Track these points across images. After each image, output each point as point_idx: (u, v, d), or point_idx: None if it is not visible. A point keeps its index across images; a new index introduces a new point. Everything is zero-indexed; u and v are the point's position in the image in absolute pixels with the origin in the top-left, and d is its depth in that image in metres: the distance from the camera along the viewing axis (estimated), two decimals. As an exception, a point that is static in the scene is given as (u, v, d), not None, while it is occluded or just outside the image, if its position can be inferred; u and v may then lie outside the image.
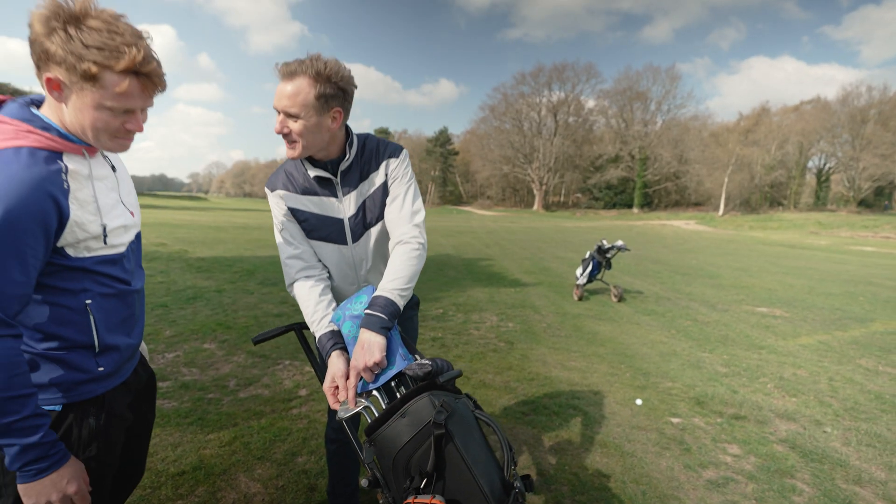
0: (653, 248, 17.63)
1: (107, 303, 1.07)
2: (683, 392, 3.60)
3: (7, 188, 0.85)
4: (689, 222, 40.78)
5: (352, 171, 1.48)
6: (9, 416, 0.87)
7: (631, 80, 59.47)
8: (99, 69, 0.88)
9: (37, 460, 0.91)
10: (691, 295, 7.81)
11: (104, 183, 1.06)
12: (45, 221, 0.90)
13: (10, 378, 0.87)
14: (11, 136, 0.90)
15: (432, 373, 1.10)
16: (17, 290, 0.89)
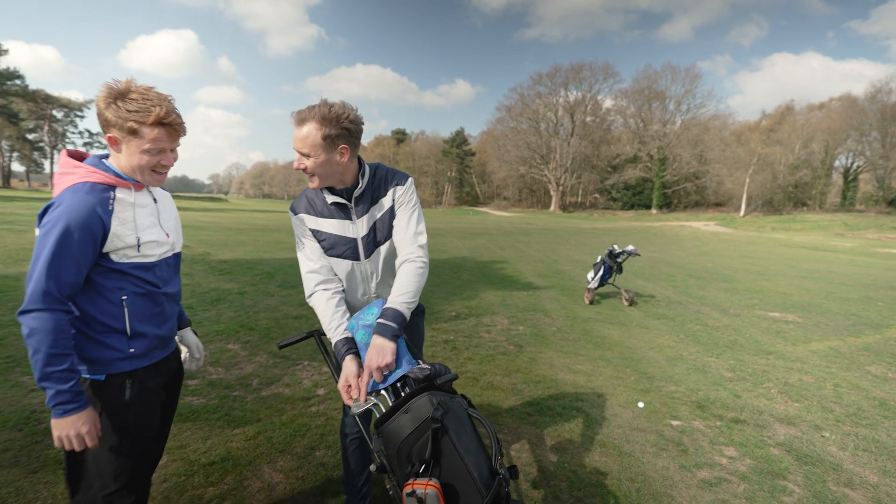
0: (669, 250, 17.51)
1: (139, 300, 1.42)
2: (686, 396, 3.71)
3: (71, 209, 1.26)
4: (709, 223, 40.12)
5: (364, 197, 1.71)
6: (53, 366, 1.23)
7: (649, 80, 58.72)
8: (137, 125, 1.30)
9: (65, 403, 1.25)
10: (704, 299, 7.83)
11: (145, 209, 1.44)
12: (94, 233, 1.29)
13: (58, 339, 1.23)
14: (84, 175, 1.34)
15: (431, 375, 1.29)
16: (71, 279, 1.27)
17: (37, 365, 1.22)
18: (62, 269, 1.24)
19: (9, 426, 2.74)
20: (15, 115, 56.38)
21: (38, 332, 1.21)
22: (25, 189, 60.60)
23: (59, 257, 1.23)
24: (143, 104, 1.29)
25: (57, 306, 1.24)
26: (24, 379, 3.43)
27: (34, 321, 1.22)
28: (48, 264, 1.22)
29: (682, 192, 56.49)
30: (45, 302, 1.22)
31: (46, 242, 1.23)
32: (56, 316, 1.23)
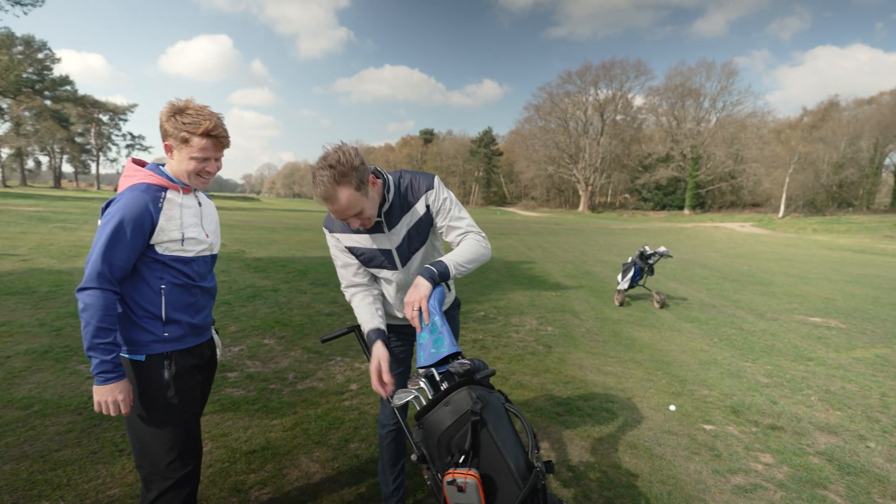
0: (702, 252, 17.02)
1: (175, 290, 1.59)
2: (720, 400, 3.64)
3: (127, 205, 1.47)
4: (745, 224, 38.68)
5: (393, 209, 1.73)
6: (100, 338, 1.42)
7: (683, 76, 57.04)
8: (188, 135, 1.52)
9: (106, 371, 1.44)
10: (739, 303, 7.60)
11: (190, 210, 1.64)
12: (144, 226, 1.49)
13: (106, 315, 1.43)
14: (142, 178, 1.56)
15: (471, 370, 1.34)
16: (122, 264, 1.47)
17: (86, 336, 1.41)
18: (115, 255, 1.44)
19: (70, 410, 2.95)
20: (66, 119, 59.65)
21: (91, 308, 1.40)
22: (74, 189, 63.99)
23: (114, 244, 1.43)
24: (196, 118, 1.50)
25: (108, 286, 1.44)
26: (81, 367, 3.67)
27: (89, 297, 1.41)
28: (104, 250, 1.42)
29: (716, 192, 54.64)
30: (98, 282, 1.42)
31: (104, 231, 1.44)
32: (107, 295, 1.43)
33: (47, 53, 50.65)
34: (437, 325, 1.45)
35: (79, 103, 57.51)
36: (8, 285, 6.21)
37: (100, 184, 72.48)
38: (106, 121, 67.17)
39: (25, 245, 9.92)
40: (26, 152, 61.91)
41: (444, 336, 1.44)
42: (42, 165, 73.47)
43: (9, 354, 3.84)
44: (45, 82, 49.12)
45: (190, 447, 1.64)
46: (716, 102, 56.15)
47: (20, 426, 2.73)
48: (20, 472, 2.30)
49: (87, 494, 2.18)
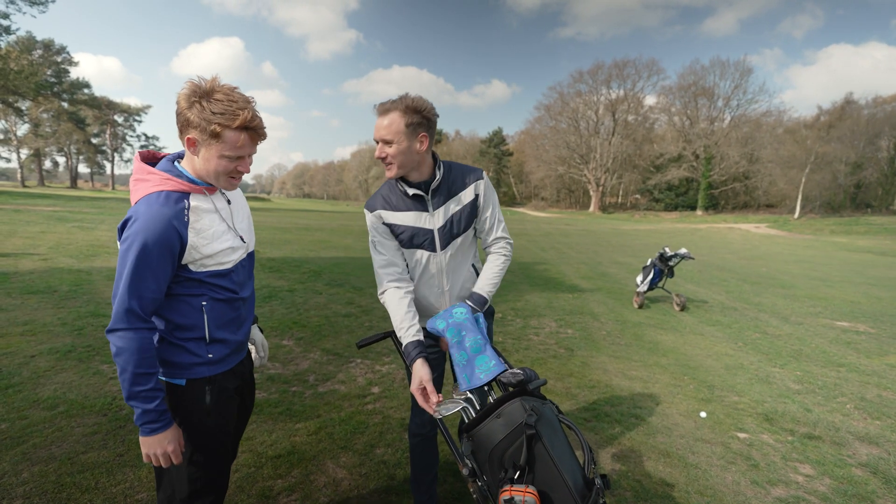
0: (718, 253, 16.75)
1: (217, 306, 1.41)
2: (751, 407, 3.53)
3: (148, 225, 1.23)
4: (760, 226, 38.06)
5: (440, 189, 1.77)
6: (139, 385, 1.23)
7: (696, 75, 56.28)
8: (221, 129, 1.25)
9: (151, 422, 1.26)
10: (760, 306, 7.44)
11: (219, 214, 1.40)
12: (172, 247, 1.26)
13: (143, 358, 1.23)
14: (157, 184, 1.30)
15: (524, 381, 1.28)
16: (153, 295, 1.26)
17: (124, 384, 1.23)
18: (143, 287, 1.23)
19: (94, 411, 2.95)
20: (82, 120, 60.66)
21: (125, 352, 1.22)
22: (90, 189, 65.05)
23: (140, 275, 1.22)
24: (229, 106, 1.23)
25: (140, 324, 1.24)
26: (104, 367, 3.68)
27: (120, 340, 1.22)
28: (129, 283, 1.22)
29: (729, 193, 53.86)
30: (128, 321, 1.23)
31: (127, 260, 1.22)
32: (140, 335, 1.24)
33: (65, 57, 51.53)
34: (480, 344, 1.39)
35: (95, 105, 58.43)
36: (30, 284, 6.27)
37: (115, 184, 73.58)
38: (121, 122, 68.20)
39: (45, 244, 10.06)
40: (44, 153, 63.09)
41: (489, 353, 1.38)
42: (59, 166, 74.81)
43: (33, 354, 3.85)
44: (62, 85, 49.98)
45: (214, 478, 1.48)
46: (730, 101, 55.36)
47: (47, 427, 2.72)
48: (49, 475, 2.29)
49: (115, 498, 2.16)
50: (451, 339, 1.51)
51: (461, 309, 1.55)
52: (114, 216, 18.76)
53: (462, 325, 1.48)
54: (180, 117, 1.26)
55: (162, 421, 1.28)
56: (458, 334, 1.48)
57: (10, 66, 36.71)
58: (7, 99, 40.13)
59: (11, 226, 13.30)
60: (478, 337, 1.40)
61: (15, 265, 7.61)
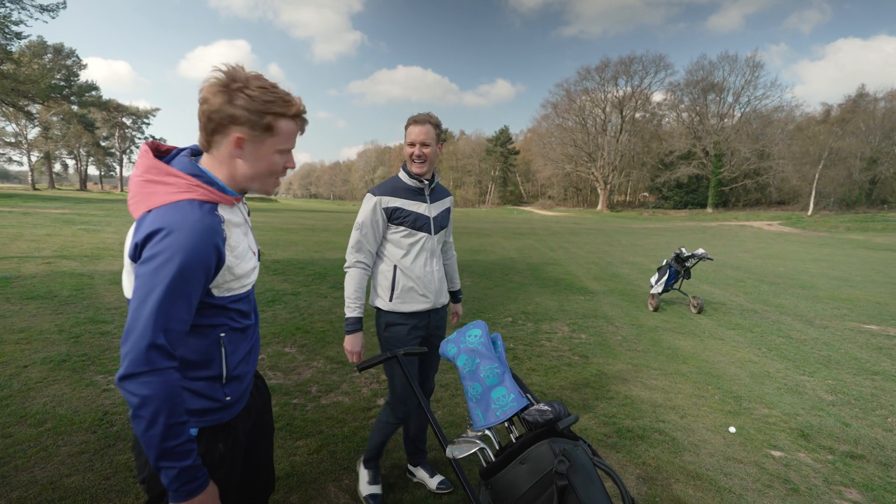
0: (731, 252, 16.38)
1: (235, 336, 1.19)
2: (783, 421, 3.29)
3: (185, 241, 0.98)
4: (773, 223, 37.44)
5: (436, 189, 2.26)
6: (173, 440, 0.96)
7: (705, 71, 55.51)
8: (276, 119, 1.07)
9: (189, 482, 1.00)
10: (781, 307, 7.15)
11: (240, 229, 1.18)
12: (209, 267, 1.03)
13: (174, 406, 0.97)
14: (185, 190, 1.04)
15: (553, 419, 1.07)
16: (183, 327, 1.01)
17: (152, 441, 0.95)
18: (174, 317, 0.98)
19: (84, 427, 2.78)
20: (91, 123, 61.23)
21: (153, 401, 0.94)
22: (99, 191, 65.66)
23: (172, 302, 0.97)
24: (276, 93, 1.05)
25: (168, 363, 0.97)
26: (98, 378, 3.52)
27: (144, 387, 0.94)
28: (158, 311, 0.95)
29: (740, 190, 53.05)
30: (153, 361, 0.95)
31: (157, 283, 0.95)
32: (169, 376, 0.97)
33: (74, 60, 51.98)
34: (497, 373, 1.18)
35: (103, 108, 58.92)
36: (30, 289, 6.16)
37: (123, 186, 74.24)
38: (129, 124, 68.74)
39: (50, 248, 9.99)
40: (54, 156, 63.73)
41: (508, 386, 1.17)
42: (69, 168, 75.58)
43: (26, 364, 3.71)
44: (72, 88, 50.41)
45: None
46: (740, 97, 54.58)
47: (31, 446, 2.56)
48: (27, 502, 2.12)
49: (97, 529, 1.98)
50: (462, 369, 1.30)
51: (475, 331, 1.35)
52: (120, 218, 18.78)
53: (476, 350, 1.28)
54: (216, 116, 1.04)
55: (200, 477, 1.02)
56: (470, 362, 1.28)
57: (21, 70, 37.05)
58: (18, 102, 40.52)
59: (18, 229, 13.29)
60: (494, 365, 1.20)
61: (18, 269, 7.52)
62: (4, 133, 53.95)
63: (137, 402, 0.93)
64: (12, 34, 33.21)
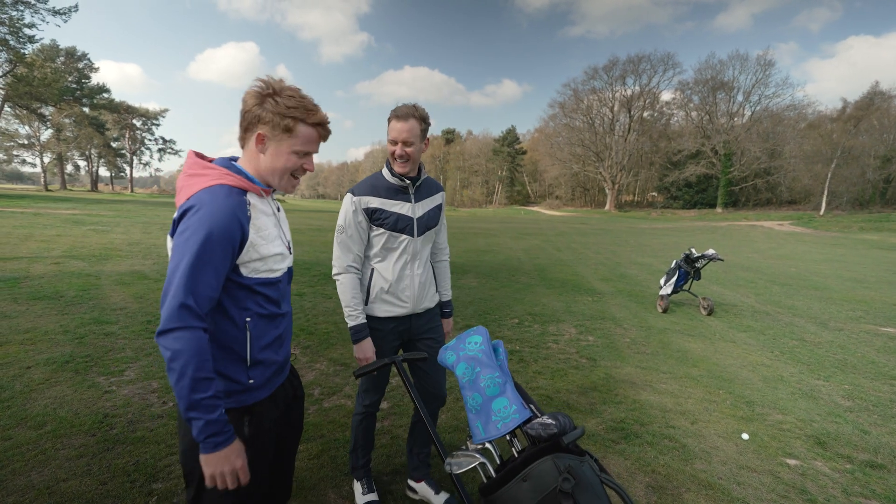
0: (742, 252, 16.14)
1: (261, 322, 1.28)
2: (798, 427, 3.19)
3: (214, 213, 1.13)
4: (784, 223, 36.91)
5: (422, 187, 2.09)
6: (199, 392, 1.08)
7: (714, 70, 54.88)
8: (295, 123, 1.23)
9: (215, 434, 1.10)
10: (794, 309, 7.00)
11: (270, 219, 1.33)
12: (233, 239, 1.17)
13: (202, 361, 1.08)
14: (217, 177, 1.21)
15: (557, 434, 1.00)
16: (210, 293, 1.14)
17: (182, 392, 1.07)
18: (201, 282, 1.11)
19: (83, 430, 2.75)
20: (102, 125, 61.94)
21: (182, 354, 1.06)
22: (110, 192, 66.40)
23: (200, 267, 1.10)
24: (301, 101, 1.23)
25: (196, 322, 1.10)
26: (100, 380, 3.50)
27: (176, 342, 1.06)
28: (188, 276, 1.09)
29: (750, 190, 52.36)
30: (183, 318, 1.08)
31: (186, 250, 1.10)
32: (197, 334, 1.09)
33: (86, 63, 52.62)
34: (499, 383, 1.12)
35: (114, 110, 59.62)
36: (38, 290, 6.19)
37: (133, 187, 75.06)
38: (139, 126, 69.45)
39: (59, 248, 10.07)
40: (66, 157, 64.54)
41: (509, 396, 1.10)
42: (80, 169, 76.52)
43: (29, 365, 3.70)
44: (83, 90, 51.04)
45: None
46: (750, 96, 53.87)
47: (30, 449, 2.53)
48: (23, 507, 2.08)
49: (92, 536, 1.94)
50: (462, 378, 1.24)
51: (476, 338, 1.28)
52: (129, 219, 18.94)
53: (476, 359, 1.21)
54: (248, 115, 1.23)
55: (226, 433, 1.13)
56: (470, 371, 1.21)
57: (34, 73, 37.55)
58: (31, 105, 41.08)
59: (29, 229, 13.43)
60: (495, 375, 1.13)
61: (27, 269, 7.57)
62: (18, 135, 54.71)
63: (170, 355, 1.06)
64: (25, 38, 33.64)
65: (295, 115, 1.21)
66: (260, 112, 1.21)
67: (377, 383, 2.17)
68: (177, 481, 2.30)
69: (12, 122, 50.69)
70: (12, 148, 56.33)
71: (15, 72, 35.87)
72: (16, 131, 53.85)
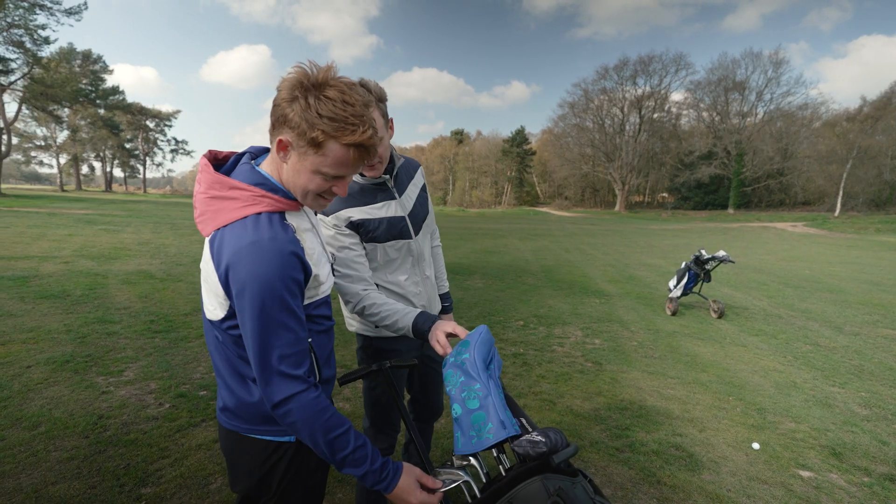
0: (754, 254, 15.85)
1: (320, 339, 1.16)
2: (812, 437, 3.06)
3: (263, 261, 0.93)
4: (797, 224, 36.26)
5: (401, 173, 1.70)
6: (340, 451, 0.99)
7: (726, 69, 54.16)
8: (325, 138, 0.95)
9: (379, 481, 1.02)
10: (808, 313, 6.81)
11: (314, 236, 1.14)
12: (296, 280, 0.99)
13: (325, 422, 0.98)
14: (250, 203, 0.99)
15: (547, 452, 0.92)
16: (296, 347, 0.99)
17: (326, 457, 1.00)
18: (283, 342, 0.96)
19: (77, 432, 2.72)
20: (116, 126, 62.90)
21: (303, 425, 0.97)
22: (123, 193, 67.44)
23: (274, 330, 0.96)
24: (343, 110, 0.94)
25: (300, 386, 0.98)
26: (99, 380, 3.48)
27: (288, 415, 0.97)
28: (265, 346, 0.95)
29: (763, 190, 51.58)
30: (281, 391, 0.96)
31: (253, 316, 0.94)
32: (307, 397, 0.97)
33: (101, 66, 53.51)
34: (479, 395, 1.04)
35: (128, 111, 60.51)
36: (45, 289, 6.23)
37: (146, 187, 76.13)
38: (152, 127, 70.40)
39: (70, 247, 10.18)
40: (81, 158, 65.61)
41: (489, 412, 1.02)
42: (95, 170, 77.81)
43: (30, 364, 3.69)
44: (98, 92, 51.88)
45: None
46: (762, 95, 53.09)
47: (22, 450, 2.50)
48: (10, 510, 2.05)
49: (77, 542, 1.90)
50: (446, 386, 1.17)
51: (466, 342, 1.21)
52: (140, 219, 19.15)
53: (461, 367, 1.14)
54: (277, 109, 0.97)
55: (387, 473, 1.03)
56: (455, 380, 1.14)
57: (49, 75, 38.23)
58: (47, 106, 41.82)
59: (43, 229, 13.62)
60: (476, 386, 1.06)
61: (37, 268, 7.64)
62: (35, 137, 55.74)
63: (294, 430, 0.99)
64: (41, 39, 34.26)
65: (326, 129, 0.93)
66: (288, 111, 0.95)
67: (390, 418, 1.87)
68: (165, 486, 2.25)
69: (31, 124, 51.65)
70: (30, 149, 57.39)
71: (31, 73, 36.54)
72: (34, 133, 54.86)
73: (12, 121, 38.68)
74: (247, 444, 1.11)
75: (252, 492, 1.14)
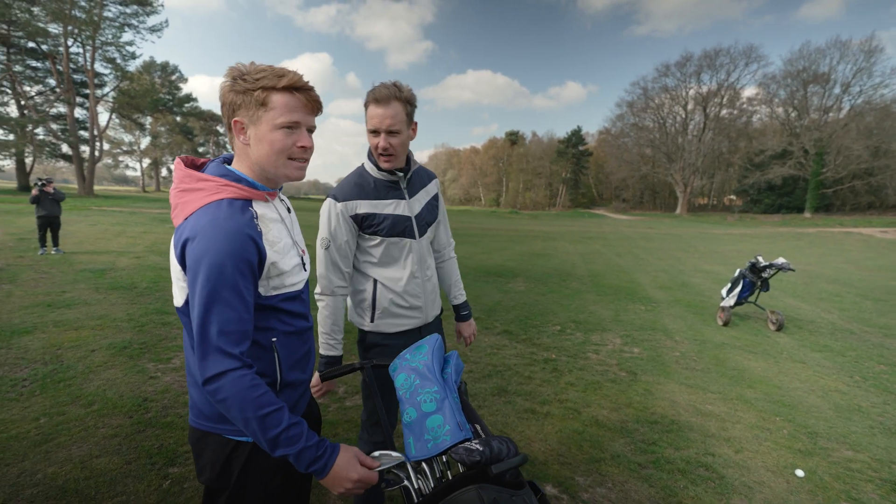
0: (830, 262, 14.45)
1: (288, 340, 1.17)
2: (871, 468, 2.75)
3: (218, 242, 0.99)
4: (887, 230, 32.61)
5: (414, 178, 1.80)
6: (272, 429, 0.97)
7: (807, 60, 49.72)
8: (266, 92, 1.05)
9: (315, 460, 1.00)
10: (888, 329, 6.11)
11: (281, 226, 1.19)
12: (248, 261, 1.03)
13: (256, 399, 0.97)
14: (213, 191, 1.08)
15: (481, 462, 0.90)
16: (239, 325, 1.01)
17: (256, 437, 0.98)
18: (225, 318, 0.98)
19: (123, 411, 2.98)
20: (190, 131, 68.11)
21: (231, 403, 0.97)
22: (196, 193, 72.86)
23: (222, 305, 0.98)
24: (268, 68, 1.08)
25: (234, 364, 0.98)
26: (149, 365, 3.78)
27: (219, 392, 0.97)
28: (208, 318, 0.98)
29: (847, 192, 46.84)
30: (216, 365, 0.98)
31: (200, 289, 0.98)
32: (239, 375, 0.98)
33: (178, 76, 58.25)
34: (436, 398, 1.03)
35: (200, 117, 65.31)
36: (117, 280, 6.87)
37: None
38: (222, 132, 75.51)
39: (143, 244, 11.15)
40: (161, 162, 71.66)
41: (446, 414, 1.01)
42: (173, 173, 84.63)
43: (94, 348, 4.09)
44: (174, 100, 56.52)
45: None
46: (849, 87, 48.21)
47: (76, 425, 2.78)
48: (59, 478, 2.28)
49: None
50: (399, 390, 1.17)
51: (423, 347, 1.20)
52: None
53: (416, 370, 1.13)
54: (225, 108, 1.10)
55: (324, 455, 1.01)
56: (409, 383, 1.13)
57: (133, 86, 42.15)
58: (131, 115, 46.10)
59: (123, 227, 15.01)
60: (433, 389, 1.05)
61: (113, 262, 8.44)
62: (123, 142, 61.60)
63: (221, 406, 0.98)
64: (129, 55, 37.85)
65: (264, 85, 1.04)
66: (233, 97, 1.07)
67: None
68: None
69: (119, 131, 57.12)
70: (118, 154, 63.53)
71: (120, 86, 40.44)
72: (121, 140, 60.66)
73: (104, 129, 42.89)
74: (210, 440, 1.13)
75: (214, 484, 1.15)
